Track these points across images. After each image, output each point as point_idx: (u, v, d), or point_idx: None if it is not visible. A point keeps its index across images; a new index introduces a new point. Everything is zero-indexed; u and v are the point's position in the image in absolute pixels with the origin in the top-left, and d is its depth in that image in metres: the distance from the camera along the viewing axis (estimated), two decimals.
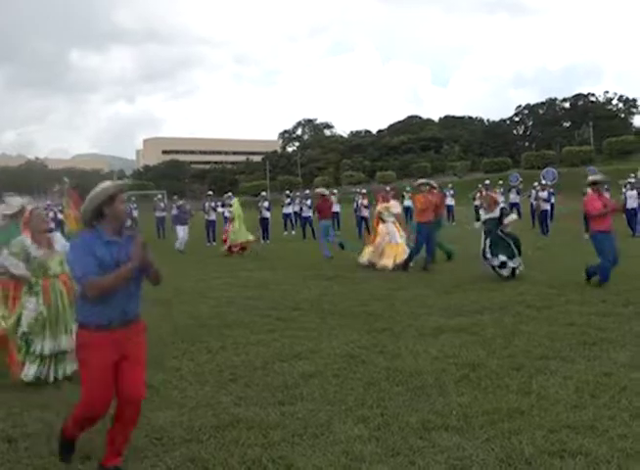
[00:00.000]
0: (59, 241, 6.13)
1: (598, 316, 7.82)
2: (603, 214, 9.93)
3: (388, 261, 13.46)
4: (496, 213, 11.59)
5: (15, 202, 6.82)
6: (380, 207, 14.42)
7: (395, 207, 14.63)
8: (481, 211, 12.94)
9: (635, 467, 3.78)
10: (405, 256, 13.36)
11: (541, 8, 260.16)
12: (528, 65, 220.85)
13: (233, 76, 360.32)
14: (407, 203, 25.57)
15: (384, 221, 14.14)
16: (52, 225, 11.59)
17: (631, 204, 18.78)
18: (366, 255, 14.04)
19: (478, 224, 13.10)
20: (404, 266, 13.01)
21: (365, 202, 22.88)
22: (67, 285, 6.08)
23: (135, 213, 28.57)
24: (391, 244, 13.80)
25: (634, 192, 19.02)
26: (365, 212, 22.67)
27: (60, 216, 29.40)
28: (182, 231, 20.91)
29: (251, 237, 18.85)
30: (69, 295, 6.00)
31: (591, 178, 10.58)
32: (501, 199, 23.68)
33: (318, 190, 18.28)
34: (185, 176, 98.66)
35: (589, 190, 10.48)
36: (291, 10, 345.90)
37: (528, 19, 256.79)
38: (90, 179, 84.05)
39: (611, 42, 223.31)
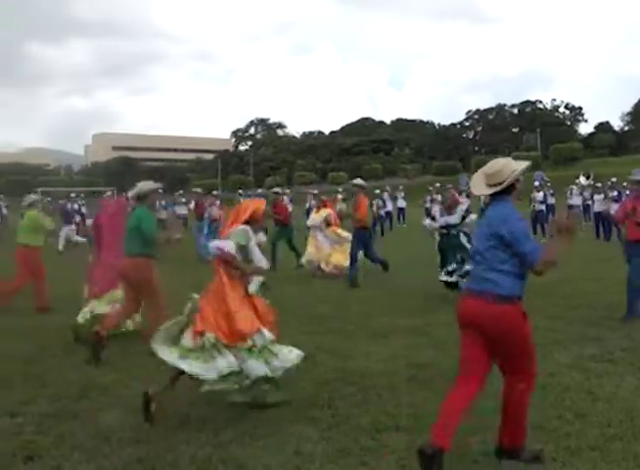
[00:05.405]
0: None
1: (547, 319, 7.97)
2: None
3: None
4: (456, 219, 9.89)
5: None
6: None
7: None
8: (437, 214, 11.08)
9: (578, 464, 3.89)
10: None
11: (502, 17, 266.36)
12: (484, 71, 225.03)
13: (193, 73, 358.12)
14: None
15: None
16: None
17: (599, 207, 18.90)
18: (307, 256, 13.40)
19: (430, 224, 11.06)
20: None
21: (315, 203, 22.81)
22: None
23: (84, 210, 28.02)
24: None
25: (601, 196, 19.49)
26: None
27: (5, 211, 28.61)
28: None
29: None
30: None
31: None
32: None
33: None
34: (135, 173, 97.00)
35: None
36: (255, 9, 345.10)
37: (489, 27, 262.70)
38: (35, 174, 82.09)
39: (563, 51, 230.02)
